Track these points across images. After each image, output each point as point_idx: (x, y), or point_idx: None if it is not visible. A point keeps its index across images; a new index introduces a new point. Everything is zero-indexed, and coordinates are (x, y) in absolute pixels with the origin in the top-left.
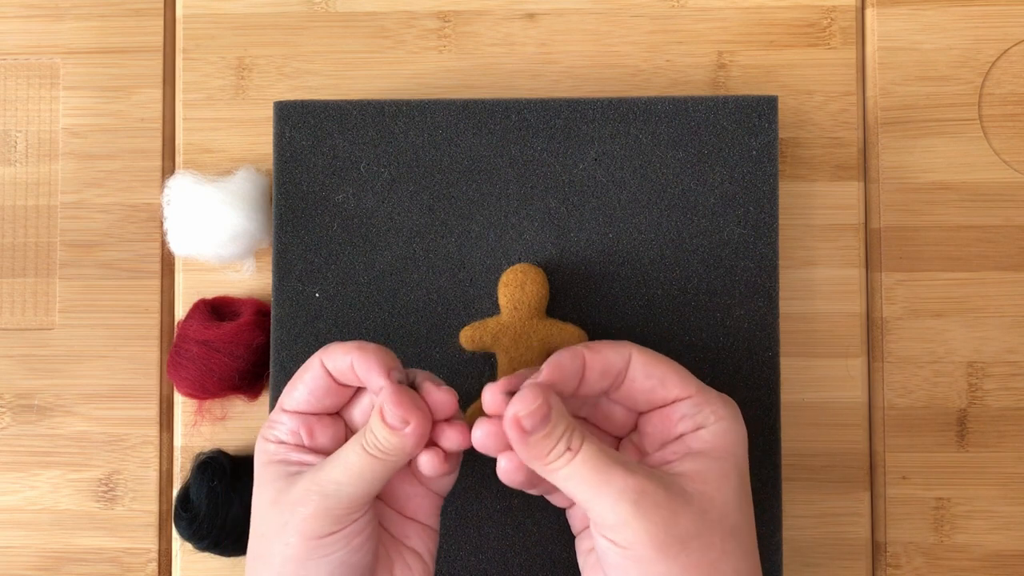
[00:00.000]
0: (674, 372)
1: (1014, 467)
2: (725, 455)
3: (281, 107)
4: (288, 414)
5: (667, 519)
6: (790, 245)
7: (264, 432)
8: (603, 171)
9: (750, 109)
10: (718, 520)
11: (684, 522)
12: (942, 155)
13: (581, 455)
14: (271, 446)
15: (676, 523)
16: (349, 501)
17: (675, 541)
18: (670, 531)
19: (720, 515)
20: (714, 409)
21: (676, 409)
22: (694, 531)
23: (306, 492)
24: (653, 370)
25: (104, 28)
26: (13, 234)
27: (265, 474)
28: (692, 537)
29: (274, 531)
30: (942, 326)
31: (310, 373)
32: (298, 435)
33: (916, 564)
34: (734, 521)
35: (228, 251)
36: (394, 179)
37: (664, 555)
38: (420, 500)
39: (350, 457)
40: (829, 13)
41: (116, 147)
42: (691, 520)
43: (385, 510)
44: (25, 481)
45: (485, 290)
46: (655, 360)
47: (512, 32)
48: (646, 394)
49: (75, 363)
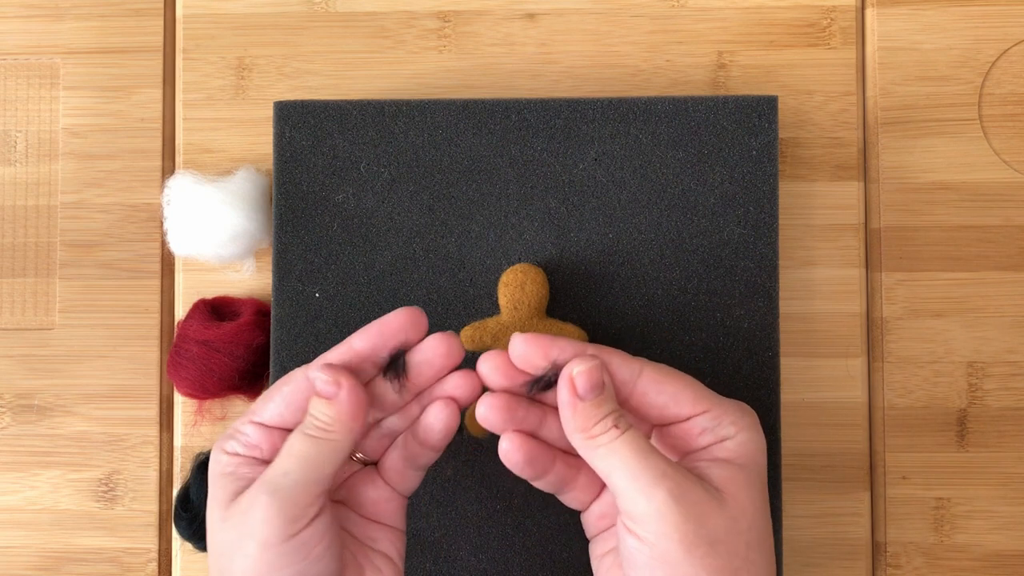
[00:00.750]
0: (687, 388)
1: (1014, 467)
2: (750, 464)
3: (281, 107)
4: (255, 426)
5: (700, 517)
6: (790, 245)
7: (221, 443)
8: (603, 171)
9: (750, 109)
10: (747, 528)
11: (715, 524)
12: (942, 155)
13: (627, 435)
14: (224, 458)
15: (708, 523)
16: (299, 492)
17: (704, 541)
18: (700, 530)
19: (749, 523)
20: (733, 420)
21: (695, 423)
22: (723, 535)
23: (254, 496)
24: (665, 387)
25: (104, 28)
26: (13, 234)
27: (214, 488)
28: (720, 541)
29: (230, 546)
30: (942, 326)
31: (290, 386)
32: (258, 448)
33: (916, 564)
34: (760, 530)
35: (228, 251)
36: (394, 179)
37: (691, 554)
38: (385, 503)
39: (293, 445)
40: (829, 13)
41: (116, 147)
42: (722, 523)
43: (349, 515)
44: (25, 481)
45: (485, 290)
46: (668, 377)
47: (512, 32)
48: (659, 409)
49: (75, 363)
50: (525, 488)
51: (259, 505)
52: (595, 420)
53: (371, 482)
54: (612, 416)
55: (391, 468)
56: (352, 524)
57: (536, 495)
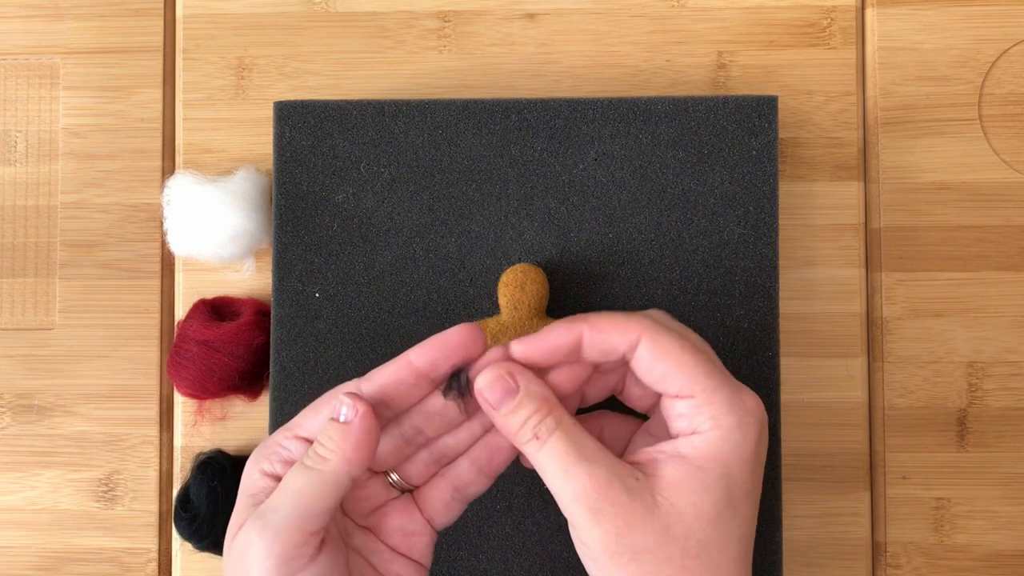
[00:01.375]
0: (681, 368)
1: (1014, 467)
2: (711, 465)
3: (281, 107)
4: (299, 441)
5: (621, 528)
6: (790, 245)
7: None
8: (603, 171)
9: (750, 109)
10: (683, 535)
11: (640, 533)
12: (942, 155)
13: (549, 446)
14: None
15: (630, 534)
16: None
17: (626, 550)
18: (622, 541)
19: (687, 530)
20: (714, 414)
21: (674, 406)
22: (651, 544)
23: (247, 532)
24: (658, 362)
25: (104, 28)
26: (13, 234)
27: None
28: (646, 550)
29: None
30: (942, 326)
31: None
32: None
33: (916, 564)
34: (703, 537)
35: (228, 251)
36: (394, 179)
37: (614, 563)
38: (418, 537)
39: (288, 478)
40: (829, 13)
41: (116, 147)
42: (649, 532)
43: (377, 545)
44: (25, 481)
45: (485, 290)
46: (664, 351)
47: (512, 32)
48: (651, 384)
49: (75, 363)
50: (525, 488)
51: (251, 543)
52: (515, 428)
53: (406, 512)
54: (531, 422)
55: (435, 498)
56: (376, 555)
57: (536, 495)
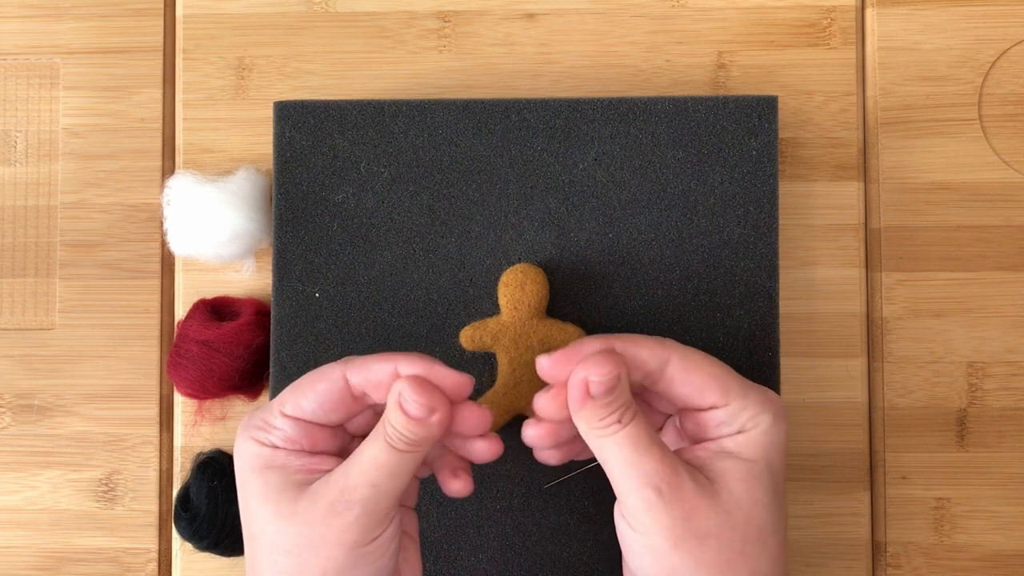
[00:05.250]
0: (712, 380)
1: (1014, 467)
2: (759, 458)
3: (281, 107)
4: (290, 420)
5: (688, 513)
6: (790, 245)
7: (253, 433)
8: (603, 171)
9: (750, 109)
10: (743, 522)
11: (705, 519)
12: (942, 155)
13: (627, 430)
14: (265, 450)
15: (696, 518)
16: (387, 502)
17: (691, 535)
18: (688, 525)
19: (746, 517)
20: (752, 415)
21: (712, 416)
22: (715, 530)
23: (336, 502)
24: (691, 377)
25: (104, 28)
26: (13, 234)
27: (262, 482)
28: (711, 535)
29: (304, 546)
30: (942, 326)
31: (326, 384)
32: (298, 443)
33: (916, 564)
34: (760, 523)
35: (228, 251)
36: (394, 179)
37: (678, 548)
38: (411, 487)
39: (379, 456)
40: (829, 13)
41: (116, 147)
42: (713, 518)
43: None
44: (25, 481)
45: (485, 290)
46: (695, 366)
47: (512, 32)
48: (684, 399)
49: (75, 363)
50: (525, 488)
51: (347, 513)
52: (602, 416)
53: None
54: (619, 410)
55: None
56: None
57: (536, 495)
